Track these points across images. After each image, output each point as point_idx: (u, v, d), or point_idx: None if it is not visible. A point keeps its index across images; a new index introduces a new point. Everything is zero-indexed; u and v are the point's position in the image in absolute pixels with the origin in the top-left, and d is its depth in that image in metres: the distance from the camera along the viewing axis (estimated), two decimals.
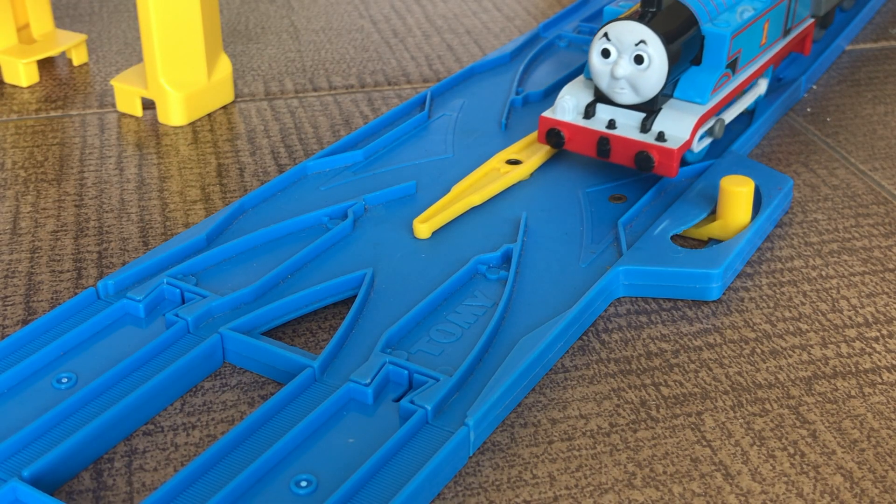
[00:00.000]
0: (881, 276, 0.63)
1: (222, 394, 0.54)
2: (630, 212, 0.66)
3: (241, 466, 0.48)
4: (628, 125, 0.67)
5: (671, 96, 0.68)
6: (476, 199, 0.67)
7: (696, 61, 0.69)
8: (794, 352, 0.57)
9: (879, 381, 0.55)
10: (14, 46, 0.88)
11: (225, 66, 0.84)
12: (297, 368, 0.53)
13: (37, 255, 0.65)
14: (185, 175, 0.74)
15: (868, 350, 0.57)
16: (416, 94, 0.83)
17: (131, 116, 0.82)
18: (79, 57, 0.91)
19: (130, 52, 0.94)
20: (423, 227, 0.64)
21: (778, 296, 0.61)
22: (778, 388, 0.54)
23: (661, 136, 0.65)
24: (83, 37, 0.91)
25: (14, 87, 0.87)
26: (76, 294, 0.60)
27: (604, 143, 0.66)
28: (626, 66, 0.65)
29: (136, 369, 0.53)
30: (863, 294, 0.61)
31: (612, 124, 0.67)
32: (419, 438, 0.49)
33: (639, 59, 0.65)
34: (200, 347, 0.54)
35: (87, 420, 0.50)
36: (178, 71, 0.80)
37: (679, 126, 0.66)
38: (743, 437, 0.51)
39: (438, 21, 1.02)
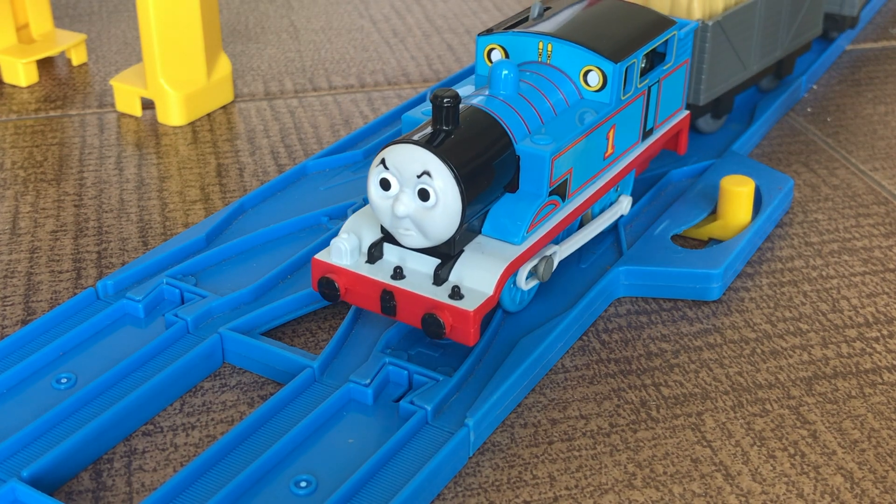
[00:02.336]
0: (881, 276, 0.63)
1: (222, 394, 0.54)
2: (630, 212, 0.66)
3: (240, 467, 0.48)
4: (418, 274, 0.52)
5: (478, 233, 0.53)
6: None
7: (512, 188, 0.54)
8: (794, 352, 0.57)
9: (880, 381, 0.55)
10: (13, 46, 0.88)
11: (224, 65, 0.84)
12: (296, 368, 0.53)
13: (36, 255, 0.65)
14: (185, 175, 0.74)
15: (868, 350, 0.57)
16: (416, 94, 0.83)
17: (131, 116, 0.82)
18: (78, 57, 0.91)
19: (130, 52, 0.94)
20: None
21: (778, 296, 0.61)
22: (778, 388, 0.54)
23: (456, 293, 0.50)
24: (82, 36, 0.91)
25: (13, 86, 0.87)
26: (75, 294, 0.60)
27: (387, 299, 0.51)
28: (407, 203, 0.50)
29: (136, 369, 0.53)
30: (863, 294, 0.61)
31: (398, 273, 0.52)
32: (419, 439, 0.49)
33: (423, 195, 0.50)
34: (200, 347, 0.54)
35: (87, 420, 0.50)
36: (177, 71, 0.80)
37: (481, 277, 0.51)
38: (743, 438, 0.51)
39: (438, 21, 1.02)
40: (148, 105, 0.83)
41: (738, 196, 0.64)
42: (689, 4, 0.70)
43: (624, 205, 0.62)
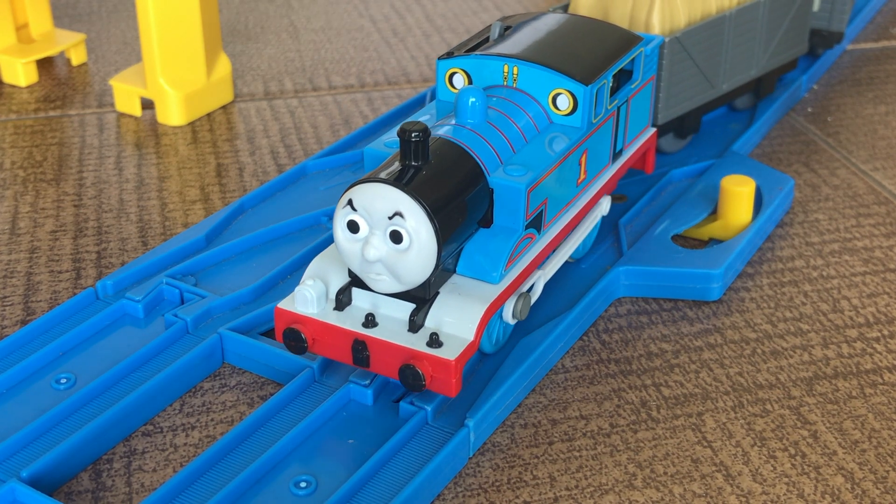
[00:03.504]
0: (882, 276, 0.63)
1: (221, 394, 0.54)
2: (630, 212, 0.66)
3: (240, 467, 0.47)
4: (392, 321, 0.48)
5: (453, 272, 0.50)
6: None
7: (486, 222, 0.51)
8: (794, 352, 0.57)
9: (880, 381, 0.55)
10: (13, 46, 0.88)
11: (224, 65, 0.83)
12: (296, 369, 0.53)
13: (35, 255, 0.65)
14: (185, 175, 0.73)
15: (869, 350, 0.57)
16: (416, 94, 0.83)
17: (130, 116, 0.82)
18: (78, 56, 0.91)
19: (129, 52, 0.94)
20: None
21: (779, 296, 0.61)
22: (779, 388, 0.54)
23: (434, 340, 0.47)
24: (82, 36, 0.91)
25: (13, 86, 0.87)
26: (75, 294, 0.60)
27: (360, 349, 0.48)
28: (379, 247, 0.46)
29: (136, 370, 0.53)
30: (864, 294, 0.61)
31: (370, 321, 0.48)
32: (419, 439, 0.49)
33: (396, 237, 0.46)
34: (199, 348, 0.54)
35: (86, 420, 0.50)
36: (177, 70, 0.80)
37: (460, 322, 0.48)
38: (744, 438, 0.51)
39: (438, 21, 1.02)
40: (148, 105, 0.83)
41: (738, 196, 0.64)
42: (648, 19, 0.67)
43: (604, 206, 0.60)
